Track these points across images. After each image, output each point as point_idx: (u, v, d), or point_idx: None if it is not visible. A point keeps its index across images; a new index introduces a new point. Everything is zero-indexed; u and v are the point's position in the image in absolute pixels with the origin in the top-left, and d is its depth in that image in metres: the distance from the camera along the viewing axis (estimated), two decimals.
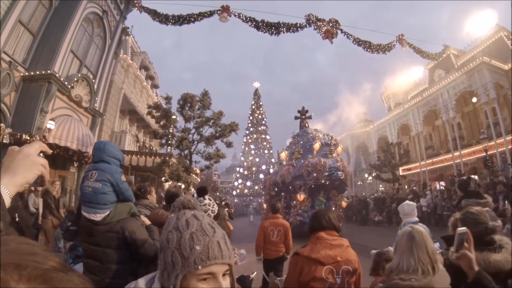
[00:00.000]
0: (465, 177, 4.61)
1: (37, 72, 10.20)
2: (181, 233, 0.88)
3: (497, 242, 1.98)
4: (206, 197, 3.19)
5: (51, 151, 1.02)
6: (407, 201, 4.10)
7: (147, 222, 2.70)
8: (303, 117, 16.91)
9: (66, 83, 11.01)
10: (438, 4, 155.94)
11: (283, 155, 16.18)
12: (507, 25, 21.35)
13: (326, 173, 12.94)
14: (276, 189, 15.45)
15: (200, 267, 0.83)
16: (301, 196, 13.22)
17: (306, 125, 17.01)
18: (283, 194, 15.27)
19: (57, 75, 10.43)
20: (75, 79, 11.62)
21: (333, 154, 14.13)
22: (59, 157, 10.72)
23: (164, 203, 4.13)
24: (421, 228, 1.89)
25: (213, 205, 3.30)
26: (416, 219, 3.84)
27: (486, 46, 22.26)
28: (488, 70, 19.01)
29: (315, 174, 12.92)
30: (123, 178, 2.43)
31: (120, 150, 2.58)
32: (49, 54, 10.68)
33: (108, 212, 2.30)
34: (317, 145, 14.09)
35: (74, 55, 12.29)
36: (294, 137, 16.12)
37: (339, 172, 13.27)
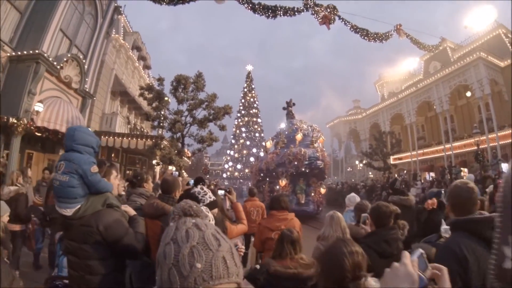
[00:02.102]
0: (393, 177, 5.82)
1: (25, 52, 9.80)
2: (179, 247, 0.75)
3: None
4: (199, 186, 3.04)
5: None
6: (353, 194, 5.26)
7: (131, 212, 2.50)
8: (290, 108, 17.86)
9: (55, 63, 10.63)
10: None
11: (268, 144, 17.88)
12: (506, 23, 21.27)
13: (306, 162, 14.09)
14: (261, 175, 16.79)
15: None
16: (282, 182, 14.46)
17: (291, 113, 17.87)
18: (268, 179, 16.48)
19: (45, 55, 10.04)
20: (65, 59, 11.22)
21: (314, 145, 15.27)
22: (48, 141, 10.53)
23: (160, 191, 3.91)
24: (338, 213, 3.23)
25: (205, 193, 3.03)
26: None
27: (483, 42, 22.09)
28: (484, 66, 18.97)
29: (295, 163, 14.10)
30: (94, 169, 2.16)
31: (94, 135, 2.32)
32: (37, 33, 10.25)
33: (79, 206, 2.09)
34: (299, 136, 15.13)
35: (64, 34, 11.86)
36: (280, 128, 17.18)
37: (318, 162, 14.36)
